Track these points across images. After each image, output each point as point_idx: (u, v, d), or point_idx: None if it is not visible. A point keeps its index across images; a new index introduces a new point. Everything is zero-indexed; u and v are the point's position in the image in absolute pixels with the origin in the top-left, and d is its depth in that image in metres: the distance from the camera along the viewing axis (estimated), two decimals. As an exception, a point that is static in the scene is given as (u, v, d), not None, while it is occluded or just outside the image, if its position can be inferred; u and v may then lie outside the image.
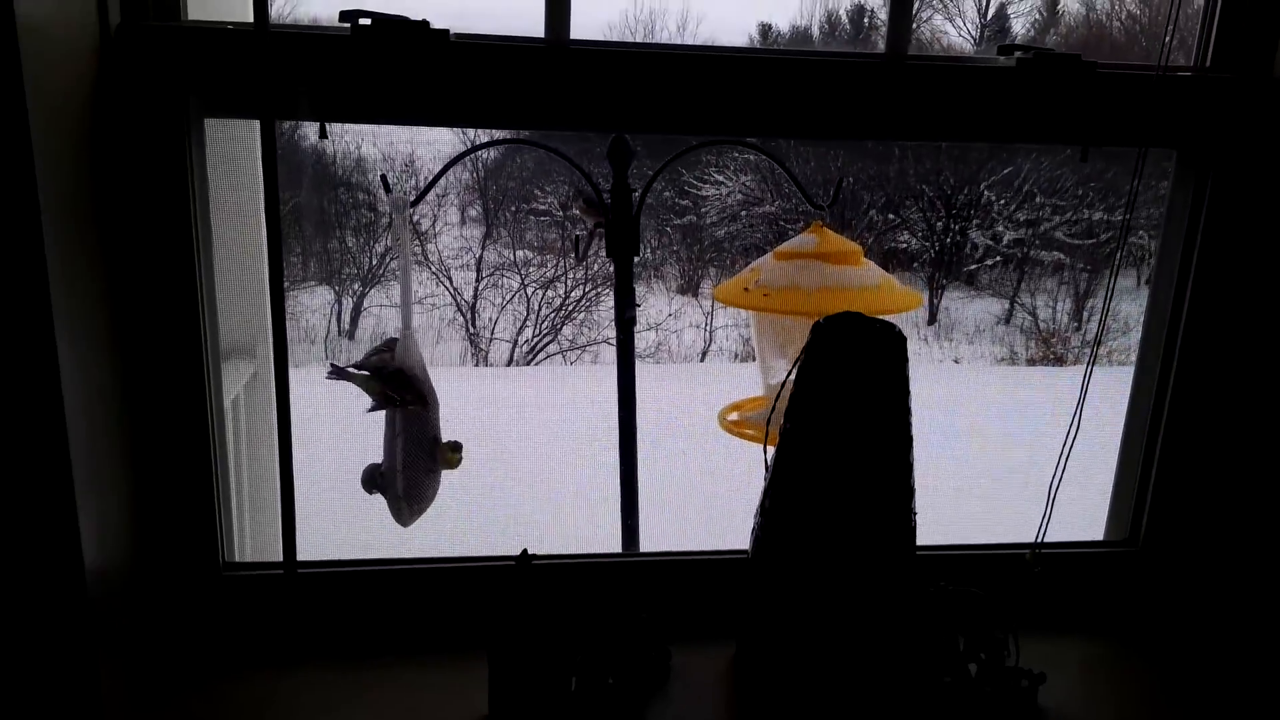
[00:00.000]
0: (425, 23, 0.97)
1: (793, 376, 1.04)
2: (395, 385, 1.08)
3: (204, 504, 1.05)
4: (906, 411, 0.95)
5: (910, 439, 0.95)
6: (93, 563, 0.89)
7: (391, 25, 0.96)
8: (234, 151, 1.09)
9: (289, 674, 1.06)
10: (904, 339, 0.94)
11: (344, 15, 0.97)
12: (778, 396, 1.06)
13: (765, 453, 1.04)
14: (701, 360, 4.99)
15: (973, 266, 5.09)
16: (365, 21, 0.96)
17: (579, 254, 1.31)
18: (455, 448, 1.12)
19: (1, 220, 0.79)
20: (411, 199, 1.17)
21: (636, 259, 1.25)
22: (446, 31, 0.97)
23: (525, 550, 0.99)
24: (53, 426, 0.84)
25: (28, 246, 0.80)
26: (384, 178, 1.34)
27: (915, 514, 0.97)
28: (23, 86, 0.77)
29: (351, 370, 1.09)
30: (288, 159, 1.19)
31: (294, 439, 1.18)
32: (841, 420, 0.94)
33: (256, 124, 1.09)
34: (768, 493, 1.00)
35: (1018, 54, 1.04)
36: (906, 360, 0.94)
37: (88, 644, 0.90)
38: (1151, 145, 1.05)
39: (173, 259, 0.99)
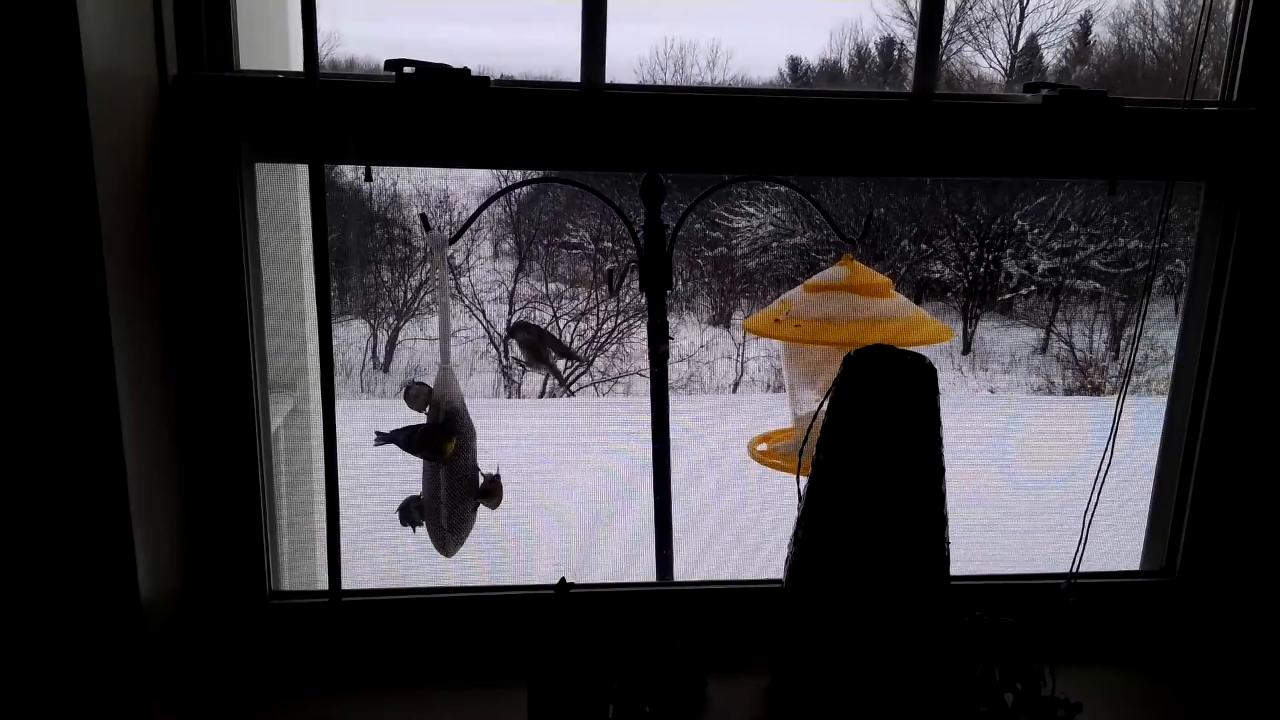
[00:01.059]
0: (466, 70, 1.01)
1: (824, 408, 1.05)
2: (440, 436, 1.11)
3: (252, 534, 1.08)
4: (938, 442, 0.96)
5: (942, 469, 0.96)
6: (147, 592, 0.92)
7: (434, 74, 1.00)
8: (279, 193, 1.14)
9: (333, 700, 1.08)
10: (934, 370, 0.95)
11: (389, 64, 1.01)
12: (809, 428, 1.08)
13: (798, 483, 1.06)
14: (734, 391, 5.00)
15: (1007, 296, 5.07)
16: (409, 70, 1.00)
17: (612, 288, 1.33)
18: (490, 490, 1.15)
19: (67, 260, 0.83)
20: (449, 236, 1.21)
21: (669, 291, 1.27)
22: (487, 79, 1.01)
23: (564, 579, 1.01)
24: (112, 460, 0.88)
25: (91, 285, 0.84)
26: (423, 216, 1.38)
27: (949, 544, 0.98)
28: (89, 133, 0.81)
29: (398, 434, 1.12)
30: (329, 192, 1.23)
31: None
32: (873, 451, 0.95)
33: (300, 167, 1.13)
34: (801, 523, 1.02)
35: (1044, 91, 1.05)
36: (937, 391, 0.95)
37: (143, 671, 0.93)
38: (1179, 178, 1.06)
39: (225, 296, 1.03)
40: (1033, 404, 4.24)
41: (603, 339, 5.05)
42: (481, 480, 1.14)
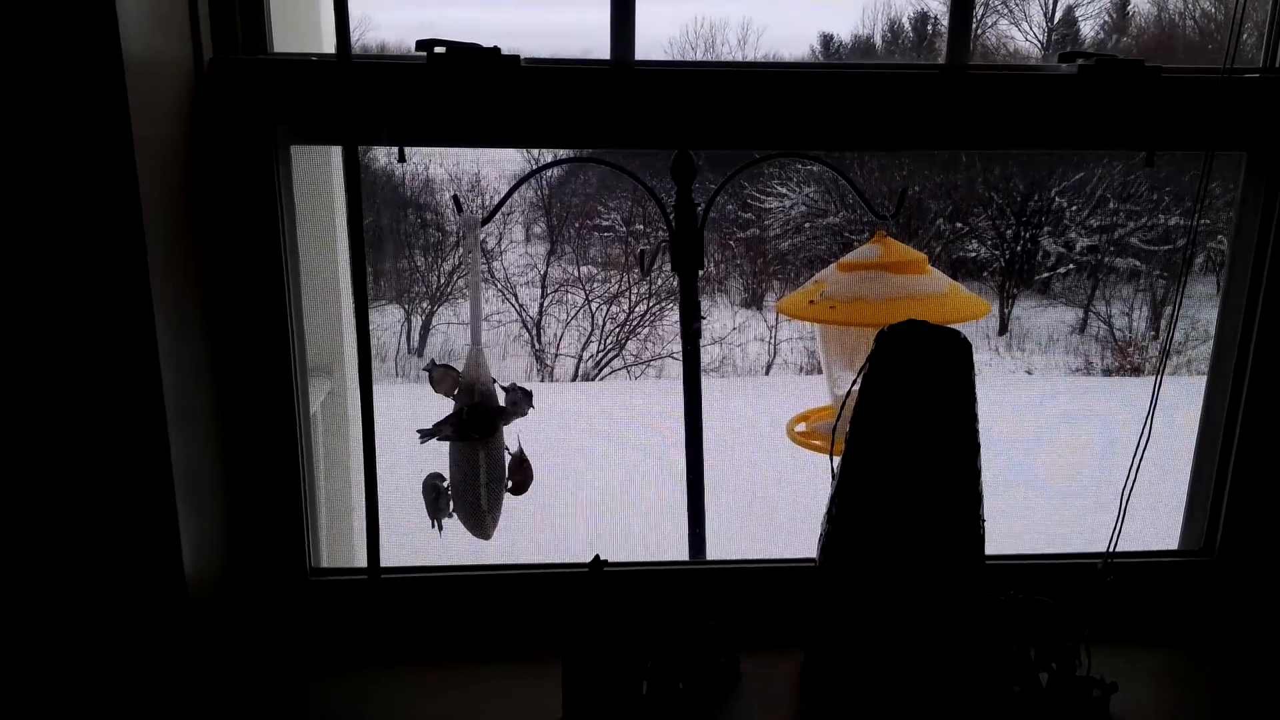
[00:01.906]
0: (496, 49, 1.01)
1: (849, 389, 1.05)
2: (480, 423, 1.11)
3: (293, 512, 1.10)
4: (973, 418, 0.95)
5: (977, 445, 0.96)
6: (191, 569, 0.94)
7: (465, 53, 1.01)
8: (313, 176, 1.15)
9: (372, 675, 1.10)
10: (969, 345, 0.95)
11: (420, 44, 1.02)
12: (843, 406, 1.08)
13: (831, 461, 1.06)
14: (766, 374, 4.99)
15: (1045, 275, 5.00)
16: (440, 50, 1.01)
17: (644, 269, 1.34)
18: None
19: (110, 244, 0.85)
20: (481, 218, 1.21)
21: (701, 273, 1.27)
22: (517, 57, 1.01)
23: (598, 556, 1.02)
24: (156, 441, 0.90)
25: (134, 270, 0.86)
26: (455, 198, 1.39)
27: (984, 521, 0.98)
28: (129, 120, 0.83)
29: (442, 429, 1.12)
30: (363, 179, 1.24)
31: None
32: (907, 428, 0.95)
33: (334, 149, 1.14)
34: (834, 500, 1.02)
35: (1080, 61, 1.04)
36: (972, 366, 0.95)
37: (188, 646, 0.95)
38: (1219, 149, 1.04)
39: (263, 279, 1.05)
40: (1070, 384, 4.19)
41: (635, 322, 5.06)
42: (509, 458, 1.14)
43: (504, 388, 1.13)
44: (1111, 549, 1.10)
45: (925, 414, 0.94)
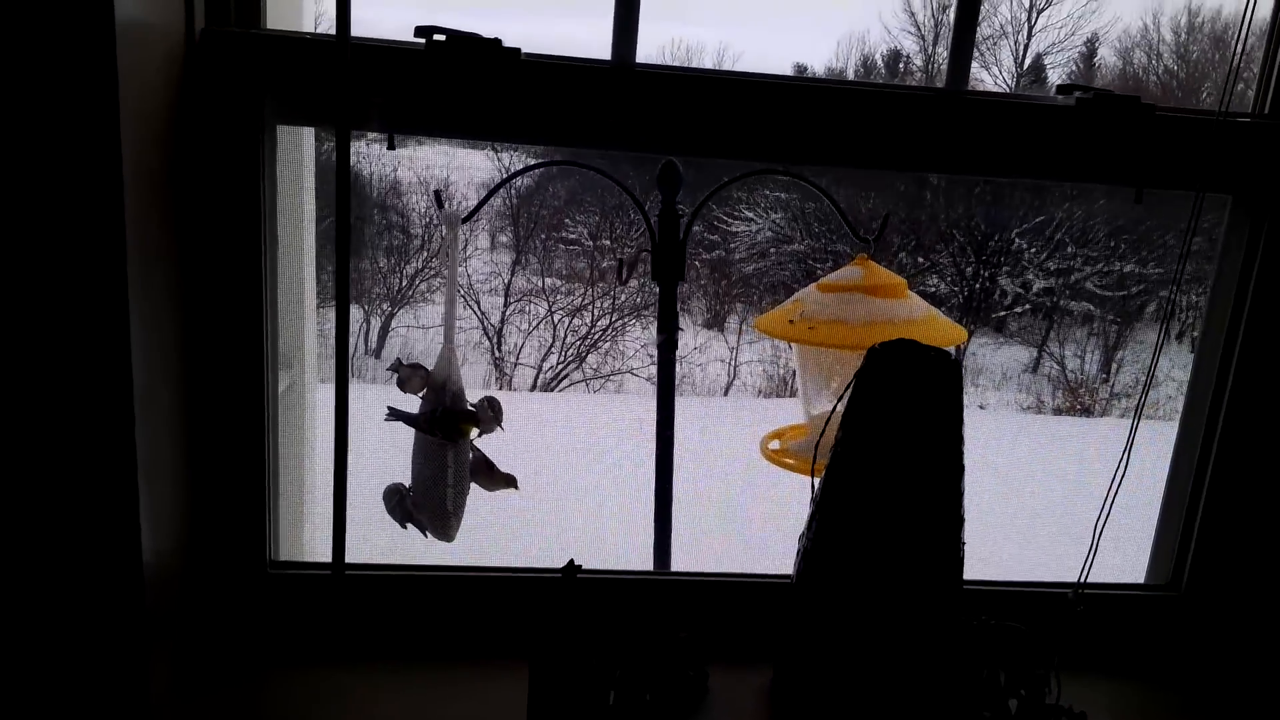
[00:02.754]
0: (498, 40, 1.00)
1: (841, 405, 1.04)
2: (447, 426, 1.09)
3: (255, 503, 1.07)
4: (959, 440, 0.95)
5: (962, 467, 0.95)
6: (149, 554, 0.90)
7: (465, 42, 0.99)
8: (285, 161, 1.12)
9: (330, 672, 1.06)
10: (959, 366, 0.94)
11: (419, 30, 1.00)
12: (825, 424, 1.07)
13: (812, 481, 1.05)
14: (725, 394, 5.00)
15: (1001, 313, 5.09)
16: (440, 38, 0.99)
17: (622, 277, 1.32)
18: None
19: (87, 214, 0.82)
20: (462, 215, 1.19)
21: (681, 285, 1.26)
22: (518, 50, 1.00)
23: (572, 561, 1.00)
24: (121, 422, 0.86)
25: (110, 241, 0.82)
26: (437, 193, 1.37)
27: (964, 544, 0.97)
28: (116, 84, 0.80)
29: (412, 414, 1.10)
30: (325, 177, 1.22)
31: (322, 451, 1.20)
32: (893, 446, 0.94)
33: (307, 135, 1.12)
34: (815, 517, 1.01)
35: (1077, 94, 1.05)
36: (961, 388, 0.95)
37: (141, 634, 0.91)
38: (1209, 190, 1.06)
39: (241, 260, 1.01)
40: (1023, 421, 4.26)
41: (596, 336, 5.05)
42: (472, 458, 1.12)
43: (475, 404, 1.12)
44: (1083, 579, 1.10)
45: (913, 433, 0.94)
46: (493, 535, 1.28)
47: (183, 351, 0.99)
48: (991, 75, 5.05)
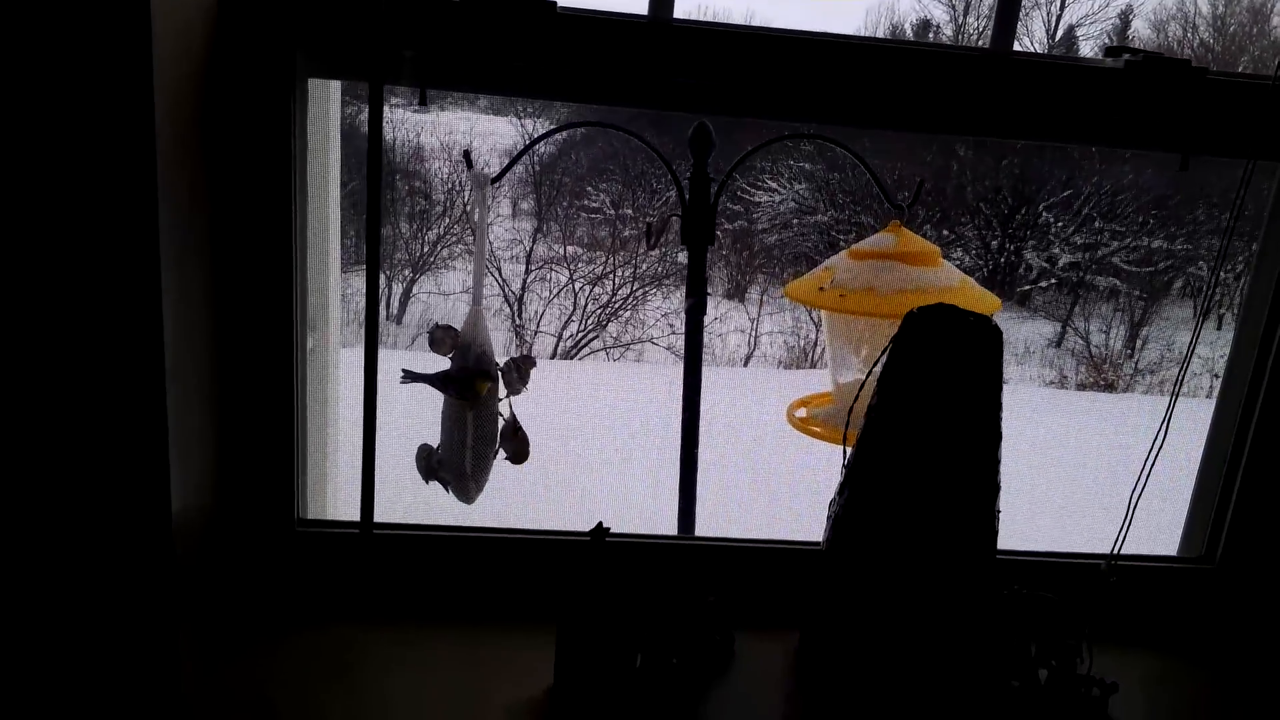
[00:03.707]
0: (534, -7, 0.98)
1: (874, 370, 1.03)
2: (474, 378, 1.08)
3: (283, 462, 1.07)
4: (998, 407, 0.93)
5: (999, 435, 0.94)
6: (179, 513, 0.90)
7: (500, -6, 0.97)
8: (314, 122, 1.10)
9: (357, 632, 1.07)
10: (1000, 332, 0.93)
11: (454, -18, 0.98)
12: (859, 392, 1.06)
13: (844, 449, 1.03)
14: (745, 365, 4.99)
15: (1026, 287, 5.04)
16: (474, -11, 0.97)
17: (651, 241, 1.31)
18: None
19: (120, 170, 0.81)
20: (492, 176, 1.18)
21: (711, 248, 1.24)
22: (554, 3, 0.98)
23: (601, 524, 1.00)
24: (153, 381, 0.85)
25: (143, 198, 0.81)
26: (466, 153, 1.36)
27: (999, 512, 0.96)
28: (150, 35, 0.78)
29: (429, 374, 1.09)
30: (351, 142, 1.21)
31: (344, 414, 1.20)
32: (931, 412, 0.93)
33: (334, 90, 1.10)
34: (847, 483, 1.00)
35: (1126, 56, 1.02)
36: (1001, 354, 0.93)
37: (170, 591, 0.91)
38: (1261, 157, 1.03)
39: (272, 218, 1.01)
40: (1046, 395, 4.23)
41: (617, 304, 5.04)
42: (502, 424, 1.11)
43: (502, 366, 1.11)
44: (1117, 550, 1.09)
45: (951, 399, 0.92)
46: (516, 499, 1.28)
47: (213, 311, 0.98)
48: (1023, 46, 4.97)
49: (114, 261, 0.82)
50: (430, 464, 1.10)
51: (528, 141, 4.64)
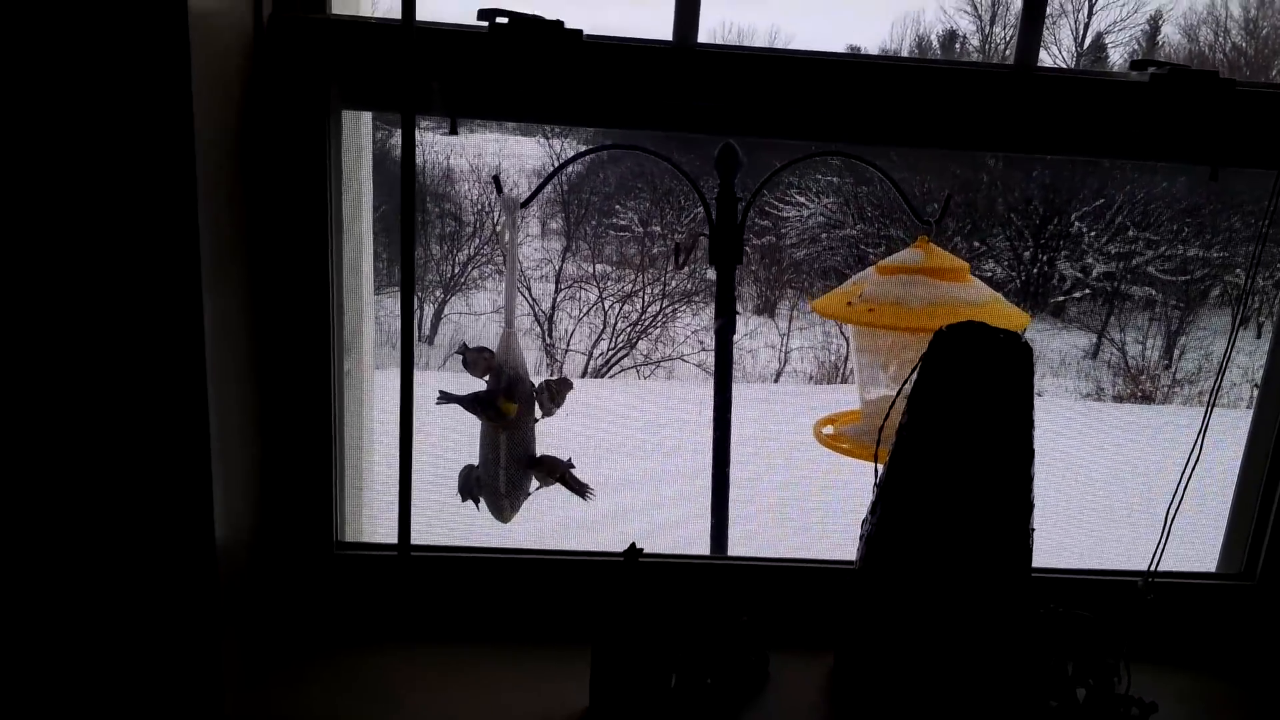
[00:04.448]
0: (560, 23, 1.00)
1: (903, 388, 1.03)
2: (499, 399, 1.10)
3: (323, 485, 1.08)
4: (1030, 424, 0.93)
5: (1032, 452, 0.94)
6: (222, 536, 0.92)
7: (528, 24, 0.99)
8: (346, 148, 1.13)
9: (395, 652, 1.08)
10: (1030, 350, 0.93)
11: (482, 14, 1.00)
12: (890, 409, 1.06)
13: (875, 467, 1.04)
14: (775, 381, 4.97)
15: (1060, 298, 4.99)
16: (502, 20, 0.99)
17: (679, 261, 1.32)
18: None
19: (162, 203, 0.83)
20: (522, 200, 1.19)
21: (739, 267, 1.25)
22: (580, 32, 1.00)
23: (634, 544, 1.00)
24: (196, 406, 0.88)
25: (184, 226, 0.84)
26: (496, 177, 1.37)
27: (1033, 530, 0.96)
28: (189, 69, 0.81)
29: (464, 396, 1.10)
30: (382, 167, 1.23)
31: (380, 436, 1.21)
32: (962, 429, 0.93)
33: (364, 121, 1.12)
34: (879, 502, 1.00)
35: (1151, 69, 1.02)
36: (1032, 372, 0.93)
37: (214, 612, 0.93)
38: (1290, 167, 1.02)
39: (308, 245, 1.03)
40: (1082, 408, 4.17)
41: (647, 322, 5.05)
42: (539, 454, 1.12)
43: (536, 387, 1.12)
44: (1154, 567, 1.07)
45: (982, 416, 0.92)
46: (550, 520, 1.29)
47: (253, 337, 1.00)
48: (1050, 55, 4.95)
49: (158, 290, 0.85)
50: (469, 483, 1.11)
51: (555, 161, 4.68)
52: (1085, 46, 5.18)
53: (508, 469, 1.11)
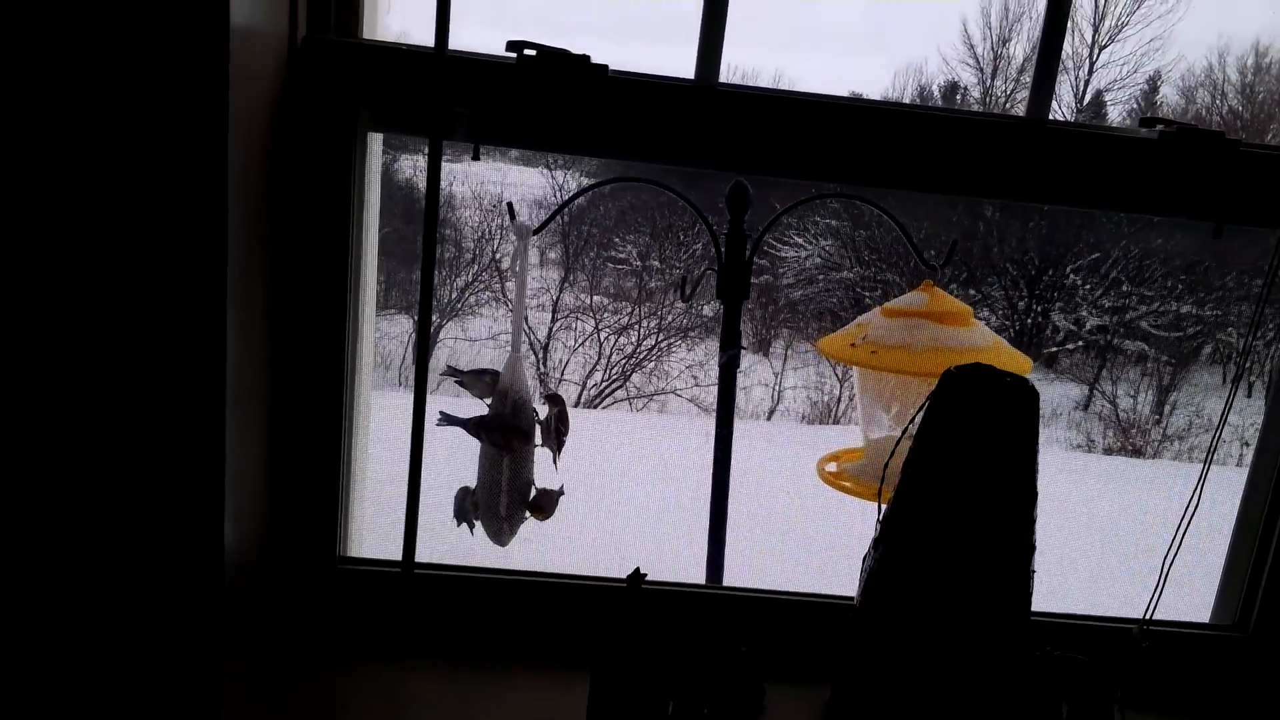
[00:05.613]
0: (586, 57, 1.02)
1: (907, 428, 1.04)
2: (513, 427, 1.11)
3: (328, 501, 1.09)
4: (1034, 467, 0.95)
5: (1035, 495, 0.95)
6: (230, 549, 0.93)
7: (554, 57, 1.02)
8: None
9: (394, 669, 1.08)
10: (1036, 394, 0.94)
11: (510, 45, 1.02)
12: (895, 448, 1.07)
13: (879, 502, 1.05)
14: (768, 419, 4.98)
15: (1053, 349, 5.02)
16: (530, 52, 1.02)
17: (685, 293, 1.34)
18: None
19: (193, 218, 0.85)
20: (534, 227, 1.21)
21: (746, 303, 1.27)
22: (605, 67, 1.02)
23: (638, 569, 1.01)
24: (213, 422, 0.88)
25: (213, 243, 0.85)
26: (509, 205, 1.39)
27: (1034, 573, 0.97)
28: (227, 86, 0.83)
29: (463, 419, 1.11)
30: (383, 190, 1.25)
31: (375, 455, 1.22)
32: (967, 471, 0.94)
33: (375, 144, 1.14)
34: (881, 540, 1.01)
35: (1160, 127, 1.05)
36: (1037, 415, 0.94)
37: (218, 624, 0.93)
38: (1292, 227, 1.05)
39: (329, 265, 1.04)
40: (1071, 459, 4.19)
41: (641, 355, 5.07)
42: (534, 494, 1.13)
43: (545, 402, 1.12)
44: (1149, 615, 1.09)
45: (987, 458, 0.94)
46: (543, 545, 1.29)
47: (271, 355, 1.01)
48: (1050, 110, 5.01)
49: (183, 303, 0.86)
50: (464, 506, 1.12)
51: (557, 191, 4.72)
52: (1085, 103, 5.26)
53: (509, 492, 1.12)
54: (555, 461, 1.13)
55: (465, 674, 1.09)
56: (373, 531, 1.21)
